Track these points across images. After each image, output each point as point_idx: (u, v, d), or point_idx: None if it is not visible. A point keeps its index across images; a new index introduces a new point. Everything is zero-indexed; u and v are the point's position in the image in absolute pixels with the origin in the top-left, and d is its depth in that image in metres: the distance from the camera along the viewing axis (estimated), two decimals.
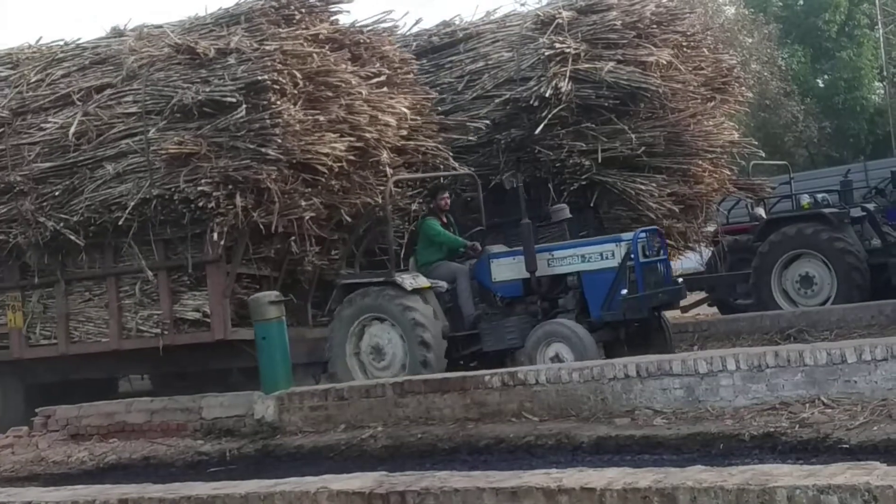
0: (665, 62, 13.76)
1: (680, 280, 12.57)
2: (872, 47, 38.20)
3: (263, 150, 11.58)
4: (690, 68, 14.38)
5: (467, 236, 12.84)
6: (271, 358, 11.07)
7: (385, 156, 12.80)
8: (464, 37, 15.26)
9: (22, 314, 13.59)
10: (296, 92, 11.80)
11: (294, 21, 12.43)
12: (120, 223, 12.29)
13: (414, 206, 13.46)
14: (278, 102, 11.55)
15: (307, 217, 12.30)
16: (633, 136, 13.66)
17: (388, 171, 12.79)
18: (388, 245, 12.49)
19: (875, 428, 7.53)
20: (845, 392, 8.20)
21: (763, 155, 19.15)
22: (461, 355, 12.10)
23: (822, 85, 38.93)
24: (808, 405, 8.20)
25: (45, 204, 12.88)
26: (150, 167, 12.17)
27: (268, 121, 11.53)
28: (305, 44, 12.17)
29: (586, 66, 13.61)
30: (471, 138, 14.29)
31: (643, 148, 13.67)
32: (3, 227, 13.24)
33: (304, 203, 12.17)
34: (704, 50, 15.04)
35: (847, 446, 7.43)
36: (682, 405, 8.80)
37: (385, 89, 13.04)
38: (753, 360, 8.58)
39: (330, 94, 12.19)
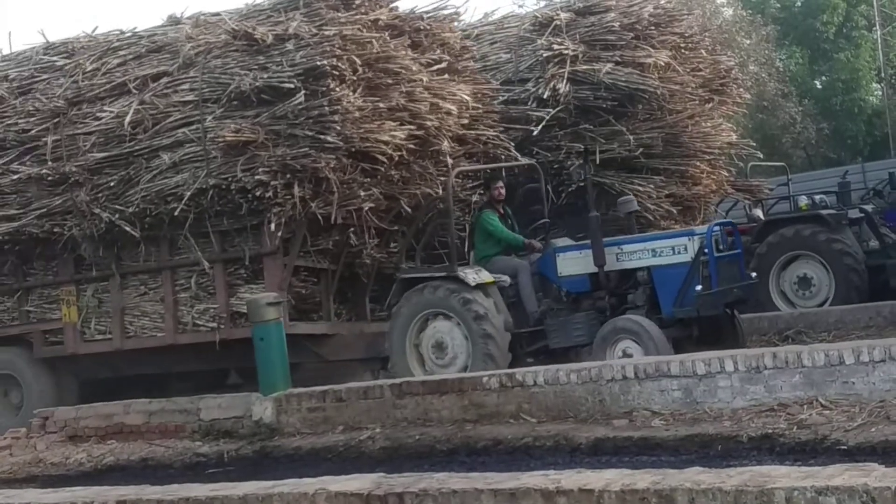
0: (663, 63, 13.77)
1: (754, 275, 12.15)
2: (870, 49, 38.20)
3: (322, 137, 11.29)
4: (688, 70, 14.39)
5: (531, 229, 12.51)
6: (269, 359, 11.04)
7: (446, 145, 12.50)
8: (462, 38, 15.21)
9: (76, 308, 13.31)
10: (355, 78, 11.50)
11: (353, 6, 12.09)
12: (176, 214, 12.03)
13: (475, 198, 13.25)
14: (337, 89, 11.25)
15: (366, 208, 12.05)
16: (630, 137, 13.67)
17: (449, 160, 12.54)
18: (449, 238, 12.14)
19: (873, 429, 7.53)
20: (843, 393, 8.19)
21: (761, 156, 19.15)
22: (525, 352, 11.76)
23: (819, 86, 38.92)
24: (805, 406, 8.20)
25: (100, 195, 12.60)
26: (206, 156, 11.90)
27: (326, 108, 11.23)
28: (365, 29, 11.86)
29: (584, 67, 13.63)
30: (532, 128, 13.92)
31: (641, 149, 13.68)
32: (58, 218, 12.93)
33: (363, 193, 11.90)
34: (702, 51, 15.06)
35: (845, 448, 7.42)
36: (680, 406, 8.80)
37: (446, 76, 12.72)
38: (751, 362, 8.58)
39: (390, 80, 11.90)
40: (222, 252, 12.41)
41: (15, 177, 13.09)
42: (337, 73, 11.24)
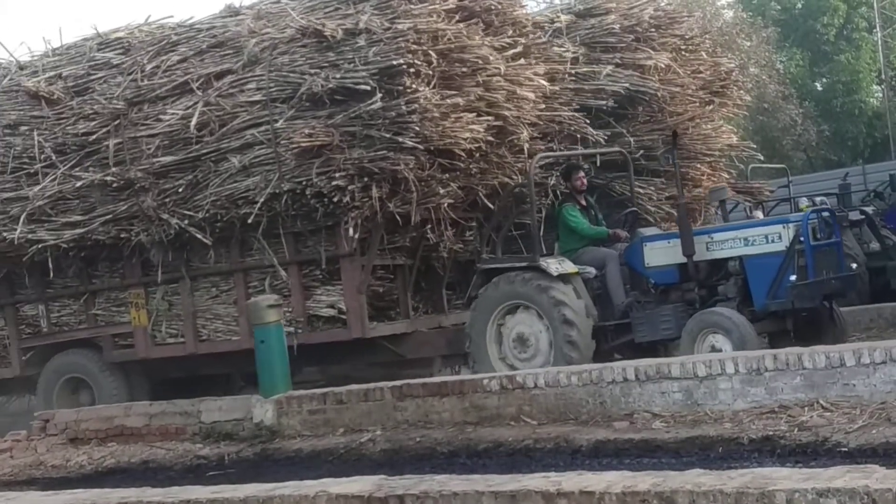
0: (663, 66, 13.74)
1: (854, 266, 11.78)
2: (871, 51, 38.23)
3: (400, 138, 10.90)
4: (689, 72, 14.35)
5: (619, 218, 12.25)
6: (270, 361, 11.06)
7: (525, 134, 12.06)
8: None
9: (146, 312, 13.02)
10: (430, 72, 11.04)
11: None
12: (249, 221, 11.70)
13: (551, 181, 12.76)
14: (414, 86, 10.83)
15: (445, 204, 11.74)
16: (631, 139, 13.65)
17: (526, 147, 12.13)
18: (531, 227, 11.83)
19: (874, 431, 7.54)
20: (844, 395, 8.19)
21: (761, 158, 19.14)
22: (611, 346, 11.44)
23: (820, 88, 38.94)
24: (806, 408, 8.20)
25: (167, 200, 12.23)
26: (278, 159, 11.51)
27: (404, 107, 10.82)
28: (438, 19, 11.31)
29: (585, 69, 13.61)
30: (609, 104, 13.49)
31: (641, 151, 13.67)
32: (124, 224, 12.56)
33: (442, 190, 11.59)
34: (703, 53, 15.03)
35: (846, 450, 7.43)
36: (680, 409, 8.80)
37: (522, 61, 12.20)
38: (752, 364, 8.58)
39: (465, 70, 11.43)
40: (296, 254, 12.10)
41: (78, 184, 12.72)
42: (413, 69, 10.84)
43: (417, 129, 10.83)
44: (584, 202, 12.23)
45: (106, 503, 6.71)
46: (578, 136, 13.20)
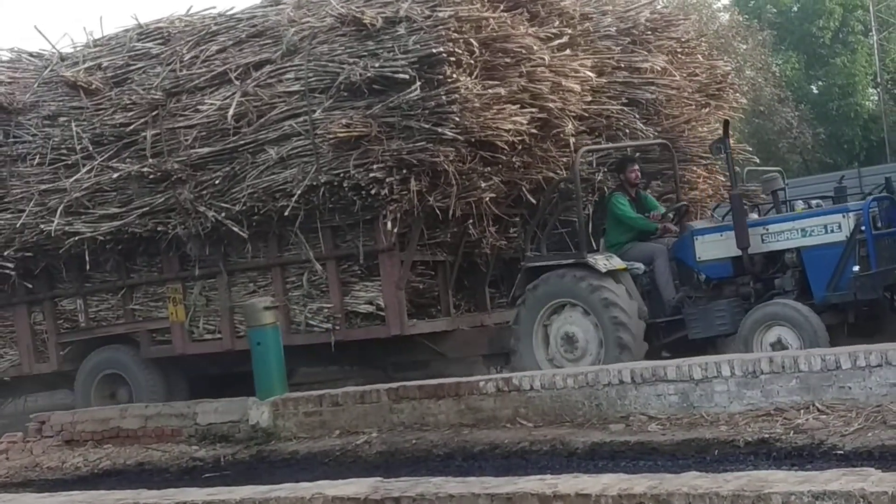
0: (659, 68, 13.73)
1: None
2: (866, 54, 38.26)
3: (440, 129, 10.59)
4: (685, 74, 14.32)
5: (668, 211, 11.99)
6: (266, 363, 11.05)
7: (570, 127, 11.76)
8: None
9: (184, 307, 12.76)
10: (472, 62, 10.73)
11: None
12: (286, 213, 11.42)
13: (598, 177, 12.51)
14: (454, 76, 10.51)
15: (486, 198, 11.51)
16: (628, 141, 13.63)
17: (571, 141, 11.88)
18: (578, 223, 11.51)
19: (870, 434, 7.55)
20: (840, 398, 8.20)
21: (757, 161, 19.10)
22: (662, 344, 11.12)
23: (816, 91, 38.96)
24: (802, 411, 8.21)
25: (204, 192, 11.96)
26: (316, 151, 11.23)
27: (444, 97, 10.50)
28: (480, 7, 11.06)
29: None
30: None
31: (638, 154, 13.67)
32: (161, 217, 12.33)
33: (483, 184, 11.34)
34: (699, 56, 15.00)
35: (842, 452, 7.43)
36: (676, 411, 8.81)
37: (568, 52, 11.84)
38: (748, 367, 8.59)
39: (508, 60, 11.06)
40: (334, 249, 11.82)
41: (115, 175, 12.52)
42: (454, 58, 10.54)
43: (457, 119, 10.57)
44: (634, 194, 11.91)
45: None
46: (627, 130, 12.98)
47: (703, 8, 33.66)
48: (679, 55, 14.38)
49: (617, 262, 10.99)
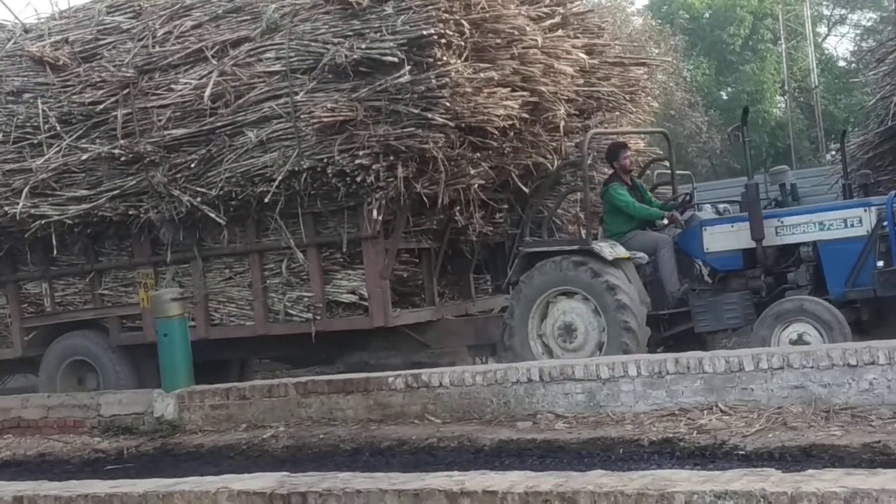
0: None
1: None
2: (775, 62, 38.96)
3: (429, 114, 10.12)
4: (597, 77, 14.37)
5: (670, 201, 11.72)
6: (172, 355, 10.94)
7: (562, 111, 11.37)
8: None
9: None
10: (462, 43, 10.27)
11: None
12: (266, 200, 10.96)
13: (588, 161, 11.92)
14: (444, 58, 10.06)
15: (475, 185, 11.12)
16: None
17: (562, 125, 11.50)
18: (584, 208, 11.18)
19: (770, 435, 7.67)
20: (742, 399, 8.33)
21: (666, 164, 19.39)
22: (663, 337, 10.86)
23: (725, 97, 39.60)
24: (706, 412, 8.32)
25: (178, 176, 11.42)
26: (298, 135, 10.72)
27: (434, 81, 10.04)
28: None
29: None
30: (658, 78, 12.90)
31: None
32: (133, 200, 11.75)
33: (472, 171, 10.95)
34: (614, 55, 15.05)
35: (743, 453, 7.53)
36: (583, 410, 8.87)
37: (560, 32, 11.49)
38: (654, 367, 8.68)
39: (499, 42, 10.65)
40: (315, 236, 11.32)
41: (85, 156, 11.92)
42: (444, 40, 10.10)
43: (448, 104, 10.13)
44: (629, 182, 11.61)
45: (1, 497, 6.58)
46: (617, 113, 12.81)
47: (616, 11, 33.99)
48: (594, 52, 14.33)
49: (621, 251, 10.69)
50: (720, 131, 36.29)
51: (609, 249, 10.58)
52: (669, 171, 13.12)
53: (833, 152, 32.81)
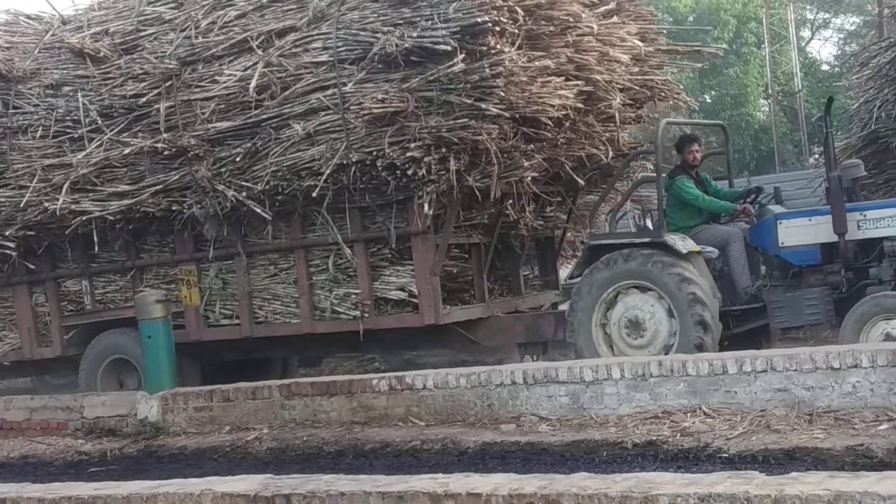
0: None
1: None
2: (759, 66, 39.08)
3: (483, 105, 9.79)
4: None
5: (739, 196, 11.26)
6: (157, 357, 10.93)
7: (618, 101, 11.13)
8: None
9: (198, 290, 11.86)
10: (515, 31, 9.91)
11: None
12: (314, 195, 10.57)
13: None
14: (498, 47, 9.71)
15: (528, 178, 10.70)
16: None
17: (616, 115, 11.31)
18: (657, 200, 10.86)
19: (754, 438, 7.69)
20: (726, 402, 8.35)
21: (650, 167, 19.42)
22: (733, 333, 10.47)
23: (709, 101, 39.68)
24: (689, 414, 8.34)
25: (223, 170, 11.06)
26: (346, 127, 10.38)
27: (487, 70, 9.69)
28: None
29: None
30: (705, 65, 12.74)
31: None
32: (176, 195, 11.43)
33: (526, 163, 10.55)
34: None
35: (726, 455, 7.55)
36: (567, 412, 8.88)
37: (615, 19, 11.21)
38: (638, 370, 8.70)
39: (552, 29, 10.31)
40: (363, 231, 10.96)
41: (127, 150, 11.55)
42: (498, 28, 9.74)
43: (502, 94, 9.80)
44: (695, 175, 11.25)
45: None
46: (672, 102, 12.56)
47: None
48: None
49: (691, 245, 10.40)
50: (703, 134, 36.40)
51: (681, 242, 10.32)
52: (651, 176, 12.99)
53: (816, 156, 32.92)
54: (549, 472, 6.26)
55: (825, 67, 43.46)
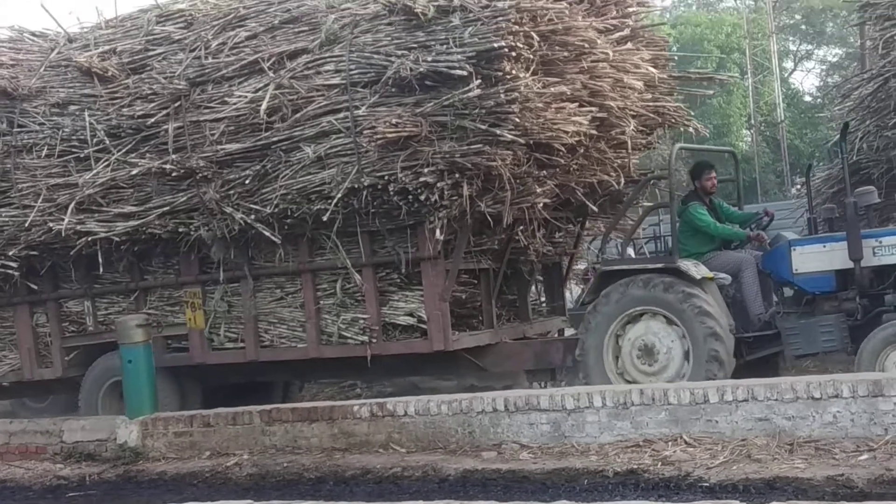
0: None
1: None
2: (742, 96, 39.31)
3: (497, 130, 9.67)
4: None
5: (750, 219, 11.18)
6: (137, 382, 10.83)
7: (632, 127, 11.05)
8: None
9: (203, 313, 11.70)
10: (530, 56, 9.85)
11: None
12: (325, 218, 10.44)
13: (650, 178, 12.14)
14: (514, 72, 9.64)
15: (540, 204, 10.54)
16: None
17: (629, 141, 11.21)
18: (671, 225, 10.80)
19: (734, 467, 7.67)
20: (707, 431, 8.33)
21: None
22: (745, 361, 10.31)
23: (691, 130, 39.85)
24: (670, 443, 8.31)
25: (231, 192, 10.90)
26: (357, 150, 10.25)
27: (503, 96, 9.58)
28: None
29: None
30: (710, 91, 12.56)
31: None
32: (183, 217, 11.26)
33: (538, 189, 10.41)
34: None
35: (707, 485, 7.53)
36: (548, 440, 8.85)
37: (629, 45, 11.18)
38: (619, 398, 8.67)
39: (567, 55, 10.27)
40: (372, 255, 10.80)
41: (134, 171, 11.38)
42: (514, 53, 9.68)
43: (517, 120, 9.67)
44: (709, 202, 11.18)
45: None
46: (682, 129, 12.44)
47: None
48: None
49: (704, 271, 10.32)
50: (686, 164, 36.53)
51: (695, 269, 10.24)
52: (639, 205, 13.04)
53: (798, 186, 33.04)
54: (529, 501, 6.27)
55: (808, 98, 43.81)
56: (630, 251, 15.16)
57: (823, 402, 8.05)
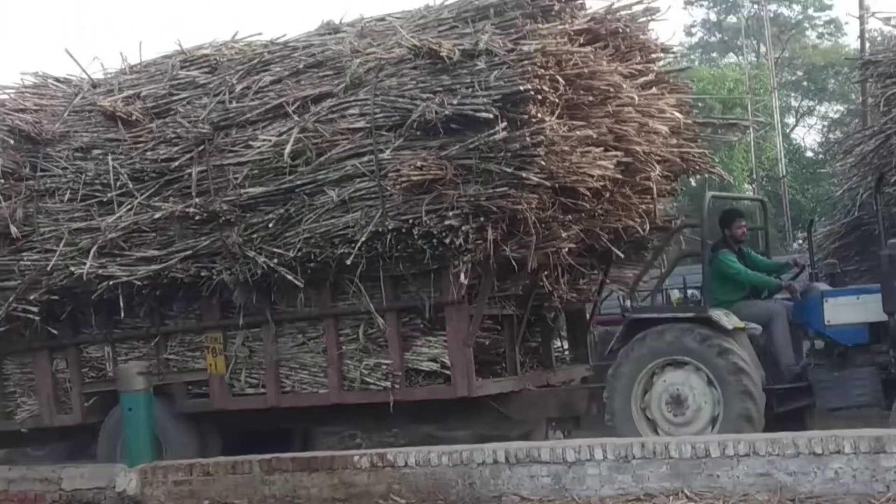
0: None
1: None
2: (744, 150, 39.40)
3: (523, 174, 9.60)
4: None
5: (779, 269, 11.26)
6: (137, 430, 10.77)
7: (658, 172, 11.04)
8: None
9: (224, 359, 11.55)
10: (555, 100, 9.83)
11: (552, 14, 10.34)
12: (348, 262, 10.35)
13: (675, 225, 12.12)
14: (539, 116, 9.59)
15: (565, 249, 10.45)
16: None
17: (654, 187, 11.18)
18: (703, 272, 10.66)
19: None
20: (708, 486, 8.27)
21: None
22: (776, 413, 10.09)
23: (694, 184, 39.90)
24: (672, 498, 8.26)
25: (254, 236, 10.83)
26: (382, 194, 10.20)
27: (528, 139, 9.53)
28: (567, 42, 10.14)
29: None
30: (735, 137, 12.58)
31: None
32: (206, 260, 11.15)
33: (563, 233, 10.35)
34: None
35: None
36: (549, 493, 8.77)
37: (654, 90, 11.20)
38: (620, 451, 8.61)
39: (592, 99, 10.25)
40: (395, 300, 10.68)
41: (157, 215, 11.35)
42: (540, 96, 9.66)
43: (543, 163, 9.61)
44: (738, 250, 11.10)
45: None
46: (707, 175, 12.53)
47: None
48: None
49: (735, 321, 10.13)
50: (689, 218, 36.59)
51: (726, 318, 10.08)
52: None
53: (800, 241, 33.16)
54: None
55: (809, 154, 43.88)
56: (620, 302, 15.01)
57: (825, 457, 8.00)
